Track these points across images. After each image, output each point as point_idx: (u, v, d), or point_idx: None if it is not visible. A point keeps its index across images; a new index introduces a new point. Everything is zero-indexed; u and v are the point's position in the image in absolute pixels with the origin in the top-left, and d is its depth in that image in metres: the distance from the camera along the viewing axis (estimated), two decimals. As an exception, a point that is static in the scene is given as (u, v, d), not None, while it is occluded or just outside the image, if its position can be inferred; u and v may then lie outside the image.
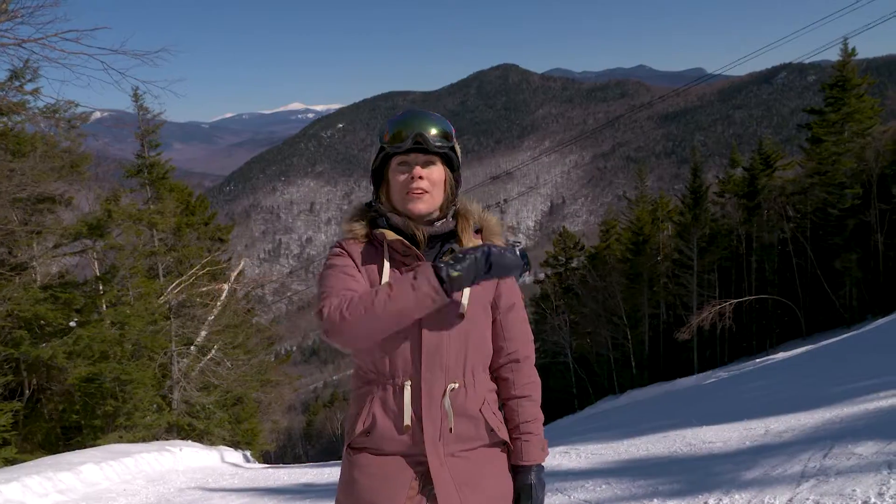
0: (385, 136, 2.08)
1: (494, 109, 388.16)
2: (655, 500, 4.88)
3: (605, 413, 19.44)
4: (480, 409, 2.11)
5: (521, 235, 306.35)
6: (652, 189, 45.47)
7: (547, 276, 46.40)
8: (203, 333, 20.03)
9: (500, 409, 2.23)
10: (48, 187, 12.44)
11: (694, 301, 34.41)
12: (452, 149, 2.10)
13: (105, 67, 8.72)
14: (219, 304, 20.76)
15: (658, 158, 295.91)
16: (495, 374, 2.22)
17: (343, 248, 2.14)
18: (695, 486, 5.11)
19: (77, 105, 12.36)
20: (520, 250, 1.96)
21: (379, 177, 2.17)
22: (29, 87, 11.67)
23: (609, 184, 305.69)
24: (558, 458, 8.05)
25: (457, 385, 2.07)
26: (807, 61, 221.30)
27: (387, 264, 2.07)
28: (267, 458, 34.33)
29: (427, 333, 2.03)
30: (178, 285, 18.99)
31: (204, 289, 20.05)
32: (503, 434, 2.16)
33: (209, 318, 20.25)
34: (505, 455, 2.19)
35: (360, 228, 2.15)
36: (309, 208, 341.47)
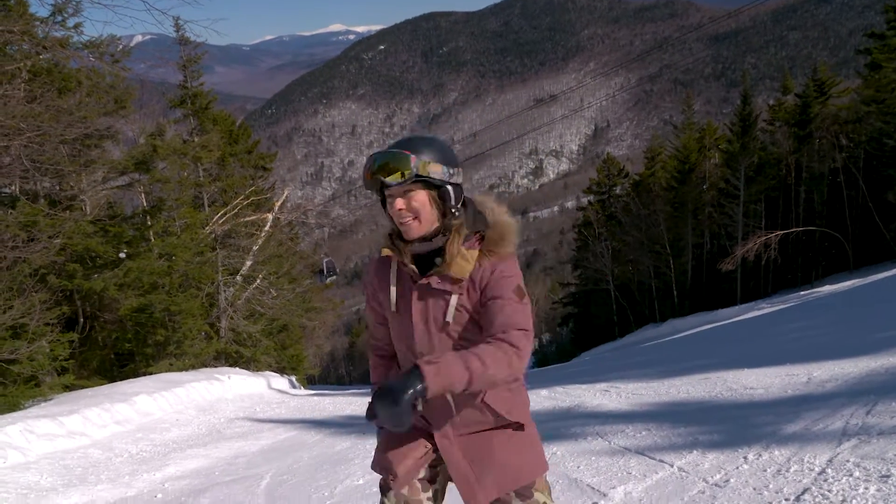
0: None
1: (539, 30, 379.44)
2: (695, 451, 4.88)
3: (646, 347, 19.49)
4: (483, 399, 2.22)
5: (563, 159, 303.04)
6: (699, 114, 44.28)
7: (590, 202, 46.12)
8: (248, 263, 20.36)
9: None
10: (94, 124, 12.59)
11: (739, 231, 33.90)
12: (418, 176, 2.09)
13: (148, 7, 8.67)
14: (263, 234, 21.03)
15: (707, 81, 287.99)
16: None
17: (371, 269, 2.43)
18: (734, 437, 5.11)
19: (120, 39, 12.41)
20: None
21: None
22: (71, 22, 11.73)
23: (655, 107, 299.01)
24: (599, 396, 8.14)
25: None
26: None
27: (393, 278, 2.30)
28: (311, 381, 35.33)
29: (419, 338, 2.22)
30: (222, 216, 19.26)
31: (248, 219, 20.30)
32: (514, 416, 2.28)
33: (254, 249, 20.57)
34: (519, 433, 2.31)
35: (385, 248, 2.33)
36: (351, 131, 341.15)
